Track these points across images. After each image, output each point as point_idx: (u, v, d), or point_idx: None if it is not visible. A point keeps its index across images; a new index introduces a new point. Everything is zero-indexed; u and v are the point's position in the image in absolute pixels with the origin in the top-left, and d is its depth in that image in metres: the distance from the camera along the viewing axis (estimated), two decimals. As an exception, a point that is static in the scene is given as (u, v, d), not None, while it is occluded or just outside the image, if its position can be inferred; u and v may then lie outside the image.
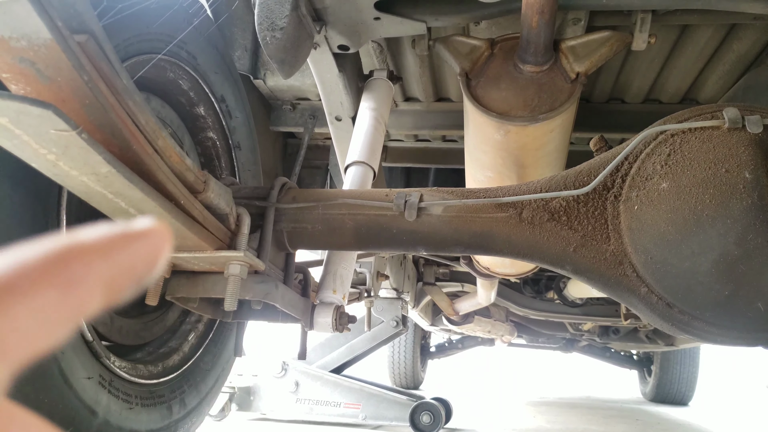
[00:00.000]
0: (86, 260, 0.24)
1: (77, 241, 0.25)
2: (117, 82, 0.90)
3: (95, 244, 0.25)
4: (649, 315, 1.34)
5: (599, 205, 1.34)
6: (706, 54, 2.24)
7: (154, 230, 0.28)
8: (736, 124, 1.22)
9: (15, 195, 1.07)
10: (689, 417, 5.99)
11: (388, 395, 3.51)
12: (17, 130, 0.79)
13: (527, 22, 1.65)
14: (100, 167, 0.89)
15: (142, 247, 0.27)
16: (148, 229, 0.27)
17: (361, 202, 1.48)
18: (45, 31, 0.77)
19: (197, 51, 1.71)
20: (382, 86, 2.16)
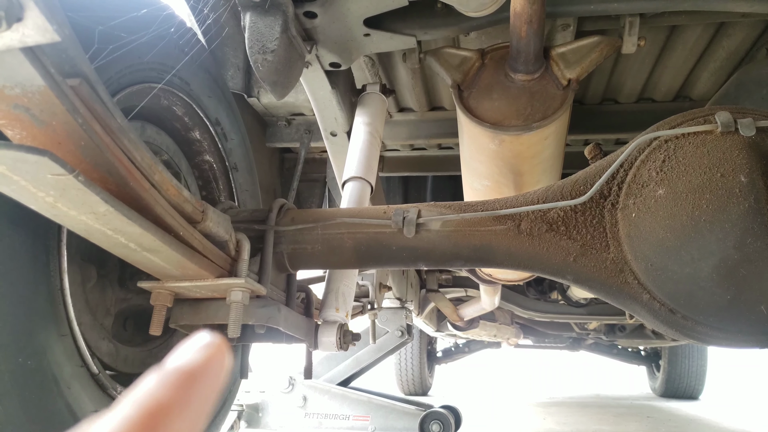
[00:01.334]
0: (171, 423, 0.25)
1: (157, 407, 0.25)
2: (111, 122, 0.90)
3: (171, 402, 0.26)
4: (652, 321, 1.34)
5: (597, 213, 1.34)
6: (696, 52, 2.26)
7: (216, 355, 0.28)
8: (728, 127, 1.22)
9: (15, 234, 1.08)
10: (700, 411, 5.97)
11: (397, 406, 3.51)
12: (15, 176, 0.80)
13: (516, 32, 1.66)
14: (98, 206, 0.89)
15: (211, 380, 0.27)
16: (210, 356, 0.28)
17: (359, 221, 1.48)
18: (38, 79, 0.78)
19: (190, 77, 1.72)
20: (376, 100, 2.17)
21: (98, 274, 1.39)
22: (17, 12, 0.71)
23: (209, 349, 0.28)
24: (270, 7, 1.59)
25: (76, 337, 1.18)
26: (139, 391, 0.26)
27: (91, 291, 1.37)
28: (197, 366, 0.27)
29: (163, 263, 1.12)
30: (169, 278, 1.22)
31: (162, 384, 0.26)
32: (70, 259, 1.21)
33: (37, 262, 1.11)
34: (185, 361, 0.27)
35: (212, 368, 0.28)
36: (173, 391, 0.26)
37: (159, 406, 0.25)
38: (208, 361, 0.28)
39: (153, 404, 0.25)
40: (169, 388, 0.26)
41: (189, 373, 0.27)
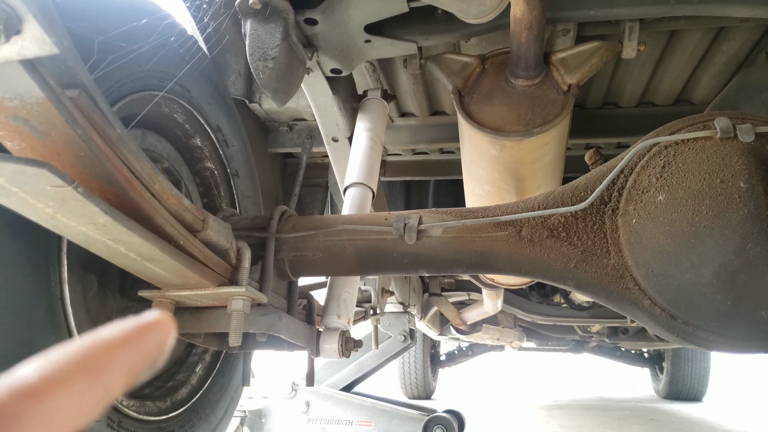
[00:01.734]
0: (109, 353, 0.29)
1: (100, 338, 0.30)
2: (111, 132, 0.91)
3: (115, 338, 0.30)
4: (653, 327, 1.34)
5: (597, 219, 1.34)
6: (696, 56, 2.25)
7: (161, 321, 0.33)
8: (727, 133, 1.22)
9: (15, 244, 1.08)
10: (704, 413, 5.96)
11: (400, 411, 3.50)
12: (14, 188, 0.80)
13: (516, 38, 1.66)
14: (98, 217, 0.89)
15: (152, 337, 0.32)
16: (156, 320, 0.32)
17: (360, 228, 1.48)
18: (37, 90, 0.78)
19: (191, 84, 1.72)
20: (377, 105, 2.17)
21: (99, 283, 1.40)
22: (16, 24, 0.71)
23: (157, 315, 0.33)
24: (270, 14, 1.60)
25: (77, 347, 1.18)
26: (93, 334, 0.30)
27: (92, 300, 1.37)
28: (144, 322, 0.32)
29: (164, 272, 1.12)
30: (170, 287, 1.23)
31: (110, 328, 0.31)
32: (70, 268, 1.21)
33: (37, 272, 1.11)
34: (136, 319, 0.32)
35: (156, 327, 0.32)
36: (119, 332, 0.30)
37: (103, 336, 0.30)
38: (154, 321, 0.32)
39: (98, 336, 0.30)
40: (116, 329, 0.31)
41: (137, 325, 0.31)
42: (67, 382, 0.27)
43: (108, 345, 0.30)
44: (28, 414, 0.26)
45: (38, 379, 0.27)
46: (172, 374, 1.70)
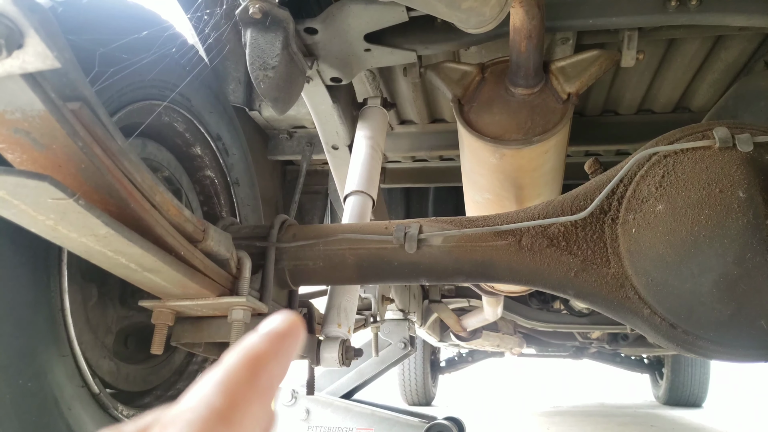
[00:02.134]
0: (269, 369, 0.33)
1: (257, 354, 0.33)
2: (112, 145, 0.91)
3: (269, 352, 0.33)
4: (653, 336, 1.34)
5: (597, 229, 1.34)
6: (694, 65, 2.26)
7: (296, 324, 0.36)
8: (726, 143, 1.23)
9: (15, 254, 1.08)
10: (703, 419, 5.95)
11: (400, 418, 3.49)
12: (15, 201, 0.81)
13: (516, 47, 1.67)
14: (99, 229, 0.90)
15: (292, 341, 0.35)
16: (292, 324, 0.36)
17: (361, 237, 1.48)
18: (38, 103, 0.79)
19: (191, 93, 1.73)
20: (377, 114, 2.18)
21: (99, 293, 1.40)
22: (18, 39, 0.71)
23: (290, 319, 0.36)
24: (271, 23, 1.60)
25: (77, 357, 1.18)
26: (241, 346, 0.33)
27: (92, 310, 1.37)
28: (280, 326, 0.35)
29: (164, 283, 1.12)
30: (171, 297, 1.23)
31: (258, 340, 0.34)
32: (70, 278, 1.22)
33: (38, 282, 1.11)
34: (274, 326, 0.35)
35: (293, 328, 0.35)
36: (268, 344, 0.34)
37: (258, 353, 0.33)
38: (290, 326, 0.35)
39: (254, 352, 0.33)
40: (264, 342, 0.34)
41: (278, 332, 0.35)
42: (248, 405, 0.30)
43: (266, 361, 0.33)
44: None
45: (227, 405, 0.30)
46: (172, 383, 1.69)
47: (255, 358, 0.32)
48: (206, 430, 0.27)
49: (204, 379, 0.31)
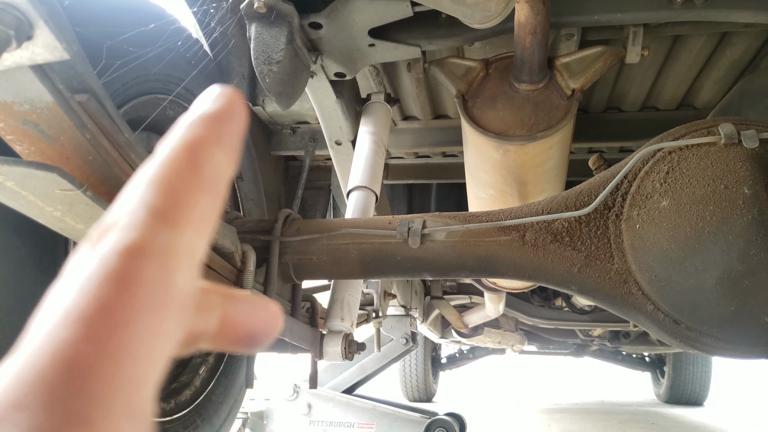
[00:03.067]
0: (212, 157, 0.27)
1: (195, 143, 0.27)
2: (119, 137, 0.91)
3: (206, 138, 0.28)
4: (656, 332, 1.34)
5: (601, 224, 1.34)
6: (699, 61, 2.26)
7: (233, 98, 0.30)
8: (732, 139, 1.23)
9: (23, 246, 1.08)
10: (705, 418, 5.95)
11: (402, 413, 3.50)
12: (23, 192, 0.81)
13: (520, 42, 1.66)
14: (106, 221, 0.90)
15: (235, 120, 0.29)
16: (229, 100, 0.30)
17: (364, 231, 1.49)
18: (47, 95, 0.79)
19: (195, 87, 1.73)
20: (380, 109, 2.18)
21: (105, 285, 1.40)
22: (27, 30, 0.72)
23: (226, 95, 0.30)
24: (275, 18, 1.60)
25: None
26: (174, 133, 0.28)
27: (98, 302, 1.37)
28: (220, 107, 0.29)
29: (170, 275, 1.13)
30: (175, 289, 1.23)
31: (193, 124, 0.28)
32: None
33: (44, 274, 1.12)
34: (208, 106, 0.29)
35: (234, 108, 0.29)
36: (205, 128, 0.28)
37: (196, 139, 0.27)
38: (228, 103, 0.29)
39: (190, 138, 0.27)
40: (200, 126, 0.28)
41: (215, 113, 0.29)
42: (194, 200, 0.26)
43: (206, 148, 0.27)
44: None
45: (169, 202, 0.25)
46: (175, 376, 1.70)
47: (192, 146, 0.27)
48: (149, 233, 0.23)
49: (136, 178, 0.26)
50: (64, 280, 0.23)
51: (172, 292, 0.24)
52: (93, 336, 0.21)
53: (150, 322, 0.22)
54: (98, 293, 0.22)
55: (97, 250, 0.23)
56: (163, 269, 0.23)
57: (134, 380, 0.21)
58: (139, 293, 0.22)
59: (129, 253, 0.23)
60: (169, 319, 0.23)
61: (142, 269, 0.23)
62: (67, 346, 0.20)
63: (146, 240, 0.23)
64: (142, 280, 0.22)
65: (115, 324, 0.21)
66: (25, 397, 0.19)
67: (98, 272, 0.22)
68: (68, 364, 0.20)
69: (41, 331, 0.21)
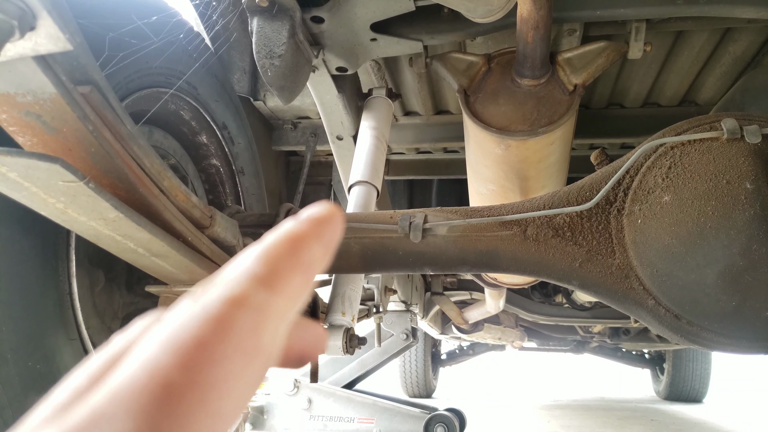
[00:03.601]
0: (310, 249, 0.32)
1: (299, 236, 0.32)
2: (121, 129, 0.91)
3: (308, 234, 0.32)
4: (657, 327, 1.34)
5: (603, 219, 1.34)
6: (702, 57, 2.26)
7: (335, 211, 0.35)
8: (734, 134, 1.23)
9: (25, 239, 1.09)
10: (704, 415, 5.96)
11: (402, 409, 3.51)
12: (26, 183, 0.81)
13: (523, 37, 1.66)
14: (108, 213, 0.90)
15: (333, 226, 0.34)
16: (332, 211, 0.35)
17: (366, 226, 1.49)
18: (50, 86, 0.79)
19: (197, 81, 1.73)
20: (382, 104, 2.17)
21: (106, 278, 1.40)
22: (30, 21, 0.72)
23: (329, 207, 0.35)
24: (277, 12, 1.60)
25: (85, 341, 1.19)
26: (280, 227, 0.32)
27: (99, 295, 1.38)
28: (324, 214, 0.34)
29: (172, 268, 1.13)
30: (178, 283, 1.23)
31: (300, 223, 0.33)
32: (78, 263, 1.22)
33: (46, 267, 1.12)
34: (313, 212, 0.34)
35: (335, 217, 0.34)
36: (309, 227, 0.33)
37: (301, 232, 0.32)
38: (331, 212, 0.34)
39: (296, 231, 0.32)
40: (305, 224, 0.33)
41: (319, 217, 0.34)
42: (290, 276, 0.29)
43: (307, 241, 0.32)
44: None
45: (269, 271, 0.29)
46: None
47: (295, 238, 0.31)
48: (249, 291, 0.27)
49: (243, 254, 0.30)
50: (165, 321, 0.26)
51: (260, 342, 0.27)
52: (187, 366, 0.23)
53: (238, 365, 0.25)
54: (197, 331, 0.24)
55: (200, 299, 0.26)
56: (257, 322, 0.27)
57: (217, 413, 0.24)
58: (232, 337, 0.25)
59: (230, 303, 0.26)
60: (255, 364, 0.26)
61: (239, 318, 0.26)
62: (162, 371, 0.23)
63: (246, 295, 0.27)
64: (238, 327, 0.26)
65: (208, 359, 0.24)
66: (118, 410, 0.21)
67: (200, 314, 0.25)
68: (161, 386, 0.22)
69: (141, 357, 0.24)
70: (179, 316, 0.25)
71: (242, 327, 0.25)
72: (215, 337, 0.24)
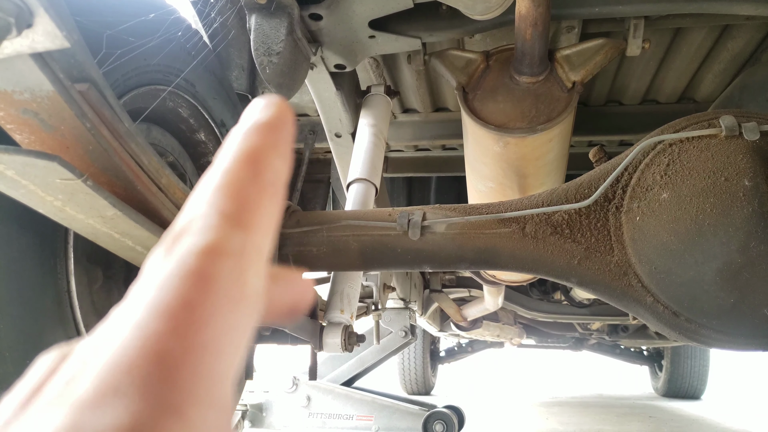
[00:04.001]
0: (271, 164, 0.29)
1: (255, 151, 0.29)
2: (119, 127, 0.91)
3: (264, 147, 0.29)
4: (656, 324, 1.34)
5: (601, 216, 1.34)
6: (700, 54, 2.26)
7: (283, 108, 0.31)
8: (733, 131, 1.23)
9: (22, 237, 1.08)
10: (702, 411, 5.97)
11: (400, 406, 3.51)
12: (24, 180, 0.81)
13: (521, 34, 1.66)
14: (106, 210, 0.90)
15: (287, 128, 0.31)
16: (280, 110, 0.31)
17: (364, 223, 1.49)
18: (47, 84, 0.79)
19: (195, 79, 1.72)
20: (380, 101, 2.17)
21: (104, 276, 1.40)
22: (27, 18, 0.71)
23: (274, 103, 0.31)
24: (275, 9, 1.60)
25: (83, 339, 1.18)
26: (230, 143, 0.29)
27: (98, 292, 1.37)
28: (272, 116, 0.31)
29: (170, 266, 1.13)
30: (176, 280, 1.23)
31: (249, 133, 0.29)
32: (76, 261, 1.22)
33: (44, 265, 1.12)
34: (260, 115, 0.31)
35: (284, 116, 0.31)
36: (262, 137, 0.30)
37: (255, 148, 0.29)
38: (279, 112, 0.31)
39: (250, 147, 0.29)
40: (257, 135, 0.29)
41: (268, 122, 0.30)
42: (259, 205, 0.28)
43: (265, 156, 0.29)
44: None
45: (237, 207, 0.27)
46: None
47: (253, 154, 0.29)
48: (223, 235, 0.25)
49: (203, 185, 0.28)
50: (143, 280, 0.25)
51: (245, 289, 0.25)
52: (178, 330, 0.22)
53: (228, 318, 0.24)
54: (180, 290, 0.23)
55: (175, 252, 0.25)
56: (238, 269, 0.25)
57: (216, 373, 0.23)
58: (217, 291, 0.24)
59: (206, 253, 0.25)
60: (244, 314, 0.25)
61: (220, 269, 0.24)
62: (155, 339, 0.22)
63: (222, 242, 0.25)
64: (220, 278, 0.24)
65: (198, 320, 0.23)
66: (121, 384, 0.21)
67: (179, 271, 0.24)
68: (158, 355, 0.22)
69: (129, 324, 0.23)
70: (158, 274, 0.24)
71: (225, 278, 0.24)
72: (200, 294, 0.23)
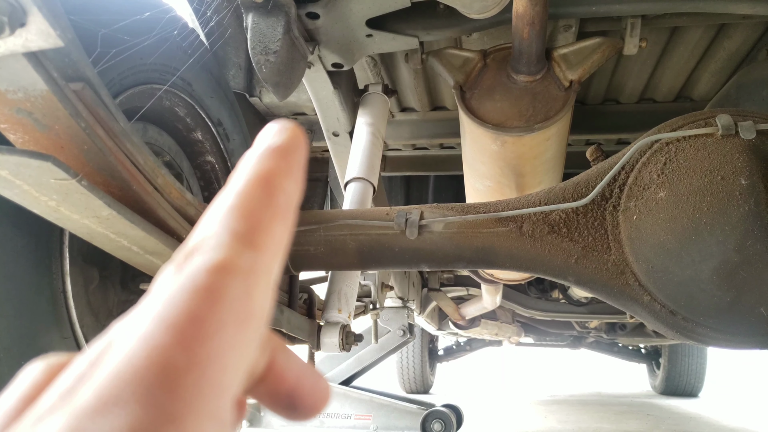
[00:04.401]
0: (283, 188, 0.29)
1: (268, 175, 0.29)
2: (114, 126, 0.91)
3: (277, 171, 0.29)
4: (653, 322, 1.34)
5: (598, 215, 1.34)
6: (697, 53, 2.26)
7: (296, 132, 0.31)
8: (729, 130, 1.23)
9: (17, 237, 1.08)
10: (700, 409, 5.98)
11: (399, 405, 3.51)
12: (18, 181, 0.80)
13: (518, 33, 1.66)
14: (101, 210, 0.90)
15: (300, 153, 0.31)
16: (294, 134, 0.31)
17: (362, 222, 1.49)
18: (41, 83, 0.78)
19: (192, 77, 1.72)
20: (378, 100, 2.17)
21: (100, 276, 1.40)
22: (20, 17, 0.71)
23: (288, 128, 0.32)
24: (272, 7, 1.60)
25: (79, 339, 1.18)
26: (245, 166, 0.29)
27: (93, 293, 1.37)
28: (286, 141, 0.31)
29: (166, 266, 1.12)
30: (172, 280, 1.22)
31: (263, 157, 0.30)
32: (72, 261, 1.22)
33: (39, 265, 1.11)
34: (274, 139, 0.31)
35: (298, 141, 0.31)
36: (276, 161, 0.30)
37: (269, 171, 0.29)
38: (293, 136, 0.31)
39: (264, 170, 0.29)
40: (271, 159, 0.30)
41: (282, 146, 0.30)
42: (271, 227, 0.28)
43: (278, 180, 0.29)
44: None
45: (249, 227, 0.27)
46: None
47: (266, 178, 0.29)
48: (234, 254, 0.26)
49: (216, 206, 0.28)
50: (153, 294, 0.25)
51: (252, 307, 0.26)
52: (184, 343, 0.23)
53: (233, 333, 0.25)
54: (188, 305, 0.24)
55: (185, 268, 0.25)
56: (246, 287, 0.26)
57: (218, 386, 0.23)
58: (225, 307, 0.24)
59: (216, 270, 0.25)
60: (249, 331, 0.26)
61: (228, 286, 0.25)
62: (160, 351, 0.22)
63: (232, 260, 0.26)
64: (228, 295, 0.25)
65: (204, 334, 0.23)
66: (123, 393, 0.21)
67: (188, 286, 0.24)
68: (162, 367, 0.22)
69: (134, 336, 0.23)
70: (167, 290, 0.25)
71: (233, 295, 0.25)
72: (207, 310, 0.24)
